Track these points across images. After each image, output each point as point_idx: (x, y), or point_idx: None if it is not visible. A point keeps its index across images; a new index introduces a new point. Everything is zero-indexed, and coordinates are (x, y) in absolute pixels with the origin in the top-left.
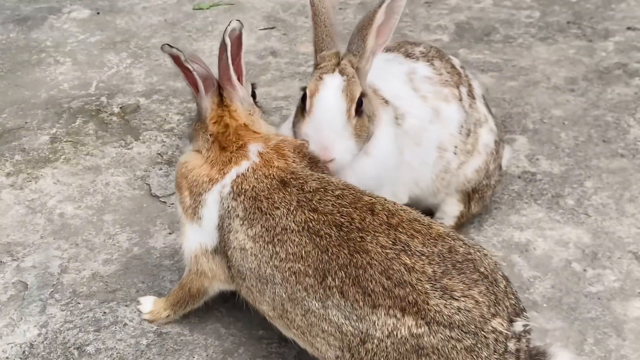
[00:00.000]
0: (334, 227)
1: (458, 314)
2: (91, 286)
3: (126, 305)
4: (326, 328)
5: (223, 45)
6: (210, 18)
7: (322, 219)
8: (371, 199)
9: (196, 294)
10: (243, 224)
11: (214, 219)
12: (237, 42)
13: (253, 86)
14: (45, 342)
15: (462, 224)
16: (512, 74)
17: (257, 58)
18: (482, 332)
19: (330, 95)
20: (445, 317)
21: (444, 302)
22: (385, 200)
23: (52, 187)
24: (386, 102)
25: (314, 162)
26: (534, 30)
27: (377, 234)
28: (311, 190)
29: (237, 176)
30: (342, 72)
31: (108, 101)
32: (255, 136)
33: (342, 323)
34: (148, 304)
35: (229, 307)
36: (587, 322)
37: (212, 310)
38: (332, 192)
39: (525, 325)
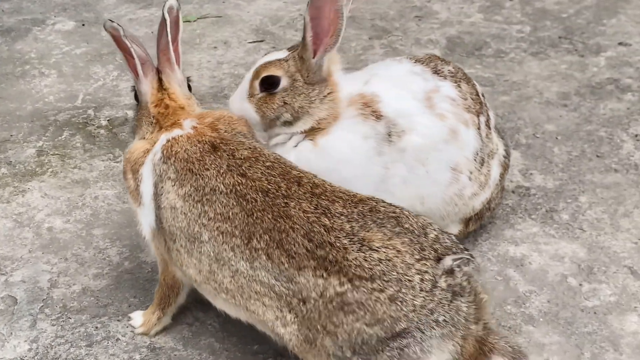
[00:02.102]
0: (260, 193)
1: (379, 265)
2: (82, 301)
3: (118, 320)
4: (259, 289)
5: (162, 22)
6: (198, 30)
7: (250, 184)
8: (299, 173)
9: (172, 283)
10: (174, 184)
11: (150, 189)
12: (175, 24)
13: (188, 80)
14: (36, 357)
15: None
16: (504, 89)
17: (246, 70)
18: (406, 277)
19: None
20: (365, 270)
21: (363, 254)
22: (314, 176)
23: (39, 200)
24: (379, 116)
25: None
26: (525, 45)
27: (300, 201)
28: (242, 157)
29: (167, 140)
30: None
31: (95, 114)
32: (191, 115)
33: (274, 284)
34: (138, 317)
35: (223, 321)
36: (583, 337)
37: (206, 325)
38: (263, 162)
39: (455, 260)
